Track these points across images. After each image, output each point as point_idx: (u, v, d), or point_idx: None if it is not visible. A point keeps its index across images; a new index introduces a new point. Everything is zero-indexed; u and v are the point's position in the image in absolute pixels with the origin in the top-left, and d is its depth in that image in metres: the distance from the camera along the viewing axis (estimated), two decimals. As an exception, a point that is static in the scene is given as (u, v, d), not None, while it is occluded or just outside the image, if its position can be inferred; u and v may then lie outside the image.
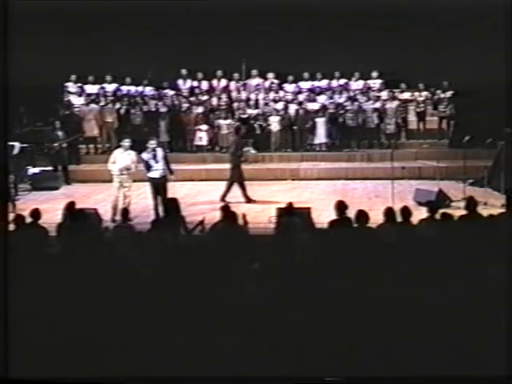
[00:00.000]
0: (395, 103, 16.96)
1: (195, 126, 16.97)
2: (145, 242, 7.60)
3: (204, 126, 16.93)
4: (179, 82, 18.07)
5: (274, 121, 16.95)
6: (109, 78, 17.81)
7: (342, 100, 17.19)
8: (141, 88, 17.85)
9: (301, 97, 17.41)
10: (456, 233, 7.39)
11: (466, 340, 5.14)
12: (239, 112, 17.24)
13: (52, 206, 11.72)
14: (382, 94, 17.26)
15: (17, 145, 14.00)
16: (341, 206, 8.03)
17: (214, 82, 18.09)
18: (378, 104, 16.88)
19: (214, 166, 16.16)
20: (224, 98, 17.47)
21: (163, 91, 17.66)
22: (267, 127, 17.01)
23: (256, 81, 18.02)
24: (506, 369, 5.02)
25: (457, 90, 16.59)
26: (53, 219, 9.42)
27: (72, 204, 9.16)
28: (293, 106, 17.15)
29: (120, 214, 9.71)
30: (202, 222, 8.51)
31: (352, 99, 17.08)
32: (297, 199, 11.73)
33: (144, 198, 12.30)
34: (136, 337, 5.27)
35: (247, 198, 12.79)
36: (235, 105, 17.48)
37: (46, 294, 5.75)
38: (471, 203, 8.44)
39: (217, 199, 12.54)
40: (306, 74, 17.88)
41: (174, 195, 11.22)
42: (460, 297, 5.55)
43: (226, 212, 8.34)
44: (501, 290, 5.52)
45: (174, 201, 9.16)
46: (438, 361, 5.03)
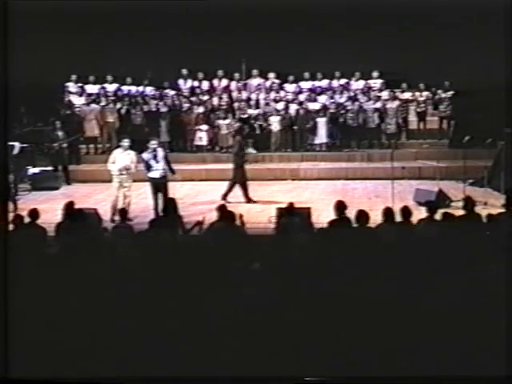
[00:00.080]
0: (396, 103, 16.95)
1: (195, 125, 16.98)
2: (142, 242, 7.61)
3: (204, 126, 16.93)
4: (180, 82, 18.07)
5: (275, 121, 16.94)
6: (110, 77, 17.81)
7: (342, 100, 17.18)
8: (141, 88, 17.86)
9: (301, 97, 17.40)
10: (454, 233, 7.40)
11: (466, 340, 5.15)
12: (240, 112, 17.24)
13: (52, 206, 11.71)
14: (383, 93, 17.25)
15: (17, 145, 13.98)
16: (340, 206, 8.04)
17: (214, 82, 18.08)
18: (379, 104, 16.87)
19: (213, 166, 16.18)
20: (225, 98, 17.47)
21: (164, 91, 17.66)
22: (267, 127, 17.01)
23: (257, 81, 18.01)
24: (506, 369, 5.02)
25: (457, 90, 16.59)
26: (52, 219, 9.41)
27: (71, 204, 9.14)
28: (293, 106, 17.14)
29: (118, 214, 9.70)
30: (199, 222, 8.51)
31: (353, 99, 17.06)
32: (297, 199, 11.71)
33: (144, 198, 12.30)
34: (136, 337, 5.27)
35: (248, 199, 12.79)
36: (236, 105, 17.47)
37: (45, 294, 5.76)
38: (469, 203, 8.46)
39: (217, 199, 12.52)
40: (307, 74, 17.86)
41: (174, 195, 11.23)
42: (460, 297, 5.55)
43: (223, 212, 8.35)
44: (501, 289, 5.53)
45: (171, 201, 9.16)
46: (438, 361, 5.04)
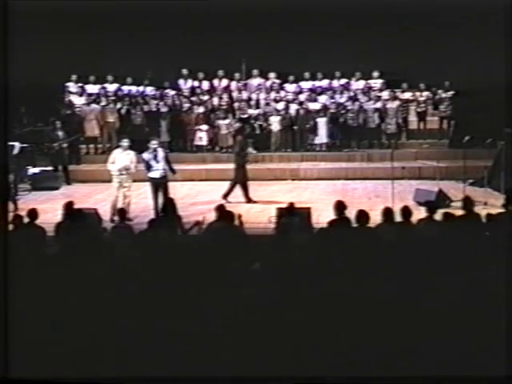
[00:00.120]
0: (396, 103, 16.94)
1: (195, 125, 16.97)
2: (141, 243, 7.61)
3: (204, 126, 16.92)
4: (180, 82, 18.07)
5: (275, 121, 16.93)
6: (110, 77, 17.80)
7: (343, 100, 17.17)
8: (142, 88, 17.86)
9: (302, 97, 17.38)
10: (453, 233, 7.40)
11: (466, 340, 5.15)
12: (240, 112, 17.23)
13: (52, 206, 11.72)
14: (383, 93, 17.24)
15: (17, 145, 13.98)
16: (340, 206, 8.04)
17: (214, 82, 18.07)
18: (379, 104, 16.86)
19: (213, 166, 16.18)
20: (225, 98, 17.46)
21: (164, 91, 17.65)
22: (267, 127, 17.00)
23: (257, 81, 18.00)
24: (506, 369, 5.02)
25: (457, 90, 16.59)
26: (53, 219, 9.41)
27: (70, 204, 9.14)
28: (294, 106, 17.14)
29: (117, 214, 9.70)
30: (198, 222, 8.51)
31: (353, 99, 17.05)
32: (297, 199, 11.70)
33: (144, 198, 12.30)
34: (136, 337, 5.27)
35: (248, 199, 12.78)
36: (236, 105, 17.47)
37: (45, 294, 5.75)
38: (468, 203, 8.47)
39: (217, 199, 12.50)
40: (307, 74, 17.85)
41: (174, 195, 11.23)
42: (460, 297, 5.55)
43: (222, 212, 8.34)
44: (501, 289, 5.52)
45: (170, 201, 9.15)
46: (438, 361, 5.03)
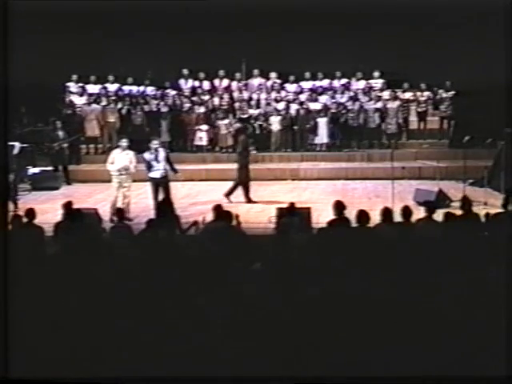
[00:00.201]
0: (397, 103, 16.93)
1: (196, 125, 16.97)
2: (139, 242, 7.61)
3: (204, 126, 16.92)
4: (181, 82, 18.06)
5: (275, 121, 16.92)
6: (111, 77, 17.80)
7: (343, 100, 17.16)
8: (142, 88, 17.85)
9: (302, 97, 17.37)
10: (452, 233, 7.40)
11: (466, 340, 5.15)
12: (240, 112, 17.23)
13: (52, 206, 11.72)
14: (384, 93, 17.23)
15: (17, 145, 13.97)
16: (339, 206, 8.05)
17: (215, 82, 18.07)
18: (380, 104, 16.86)
19: (213, 166, 16.18)
20: (226, 98, 17.46)
21: (165, 91, 17.65)
22: (267, 127, 17.00)
23: (258, 80, 18.00)
24: (506, 369, 5.02)
25: (457, 90, 16.59)
26: (53, 219, 9.41)
27: (70, 204, 9.13)
28: (294, 106, 17.13)
29: (116, 214, 9.70)
30: (196, 222, 8.51)
31: (354, 99, 17.05)
32: (297, 199, 11.69)
33: (144, 198, 12.30)
34: (136, 337, 5.27)
35: (248, 199, 12.78)
36: (237, 105, 17.46)
37: (44, 294, 5.75)
38: (466, 203, 8.47)
39: (217, 199, 12.49)
40: (308, 74, 17.85)
41: (174, 195, 11.25)
42: (459, 297, 5.55)
43: (219, 212, 8.34)
44: (501, 289, 5.52)
45: (169, 201, 9.15)
46: (438, 361, 5.03)
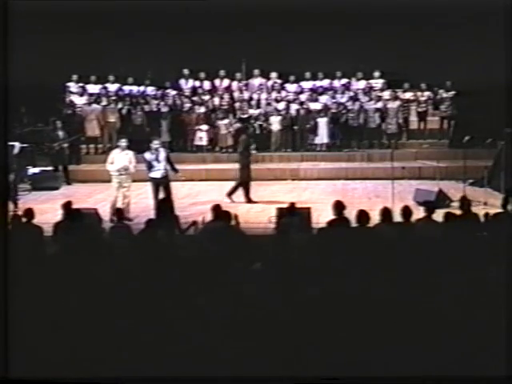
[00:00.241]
0: (397, 103, 16.92)
1: (196, 125, 16.97)
2: (137, 242, 7.61)
3: (204, 126, 16.91)
4: (181, 82, 18.06)
5: (275, 121, 16.92)
6: (111, 77, 17.79)
7: (343, 100, 17.15)
8: (143, 88, 17.85)
9: (302, 97, 17.37)
10: (451, 233, 7.40)
11: (466, 340, 5.14)
12: (240, 112, 17.22)
13: (52, 206, 11.72)
14: (384, 93, 17.22)
15: (17, 145, 13.97)
16: (339, 206, 8.04)
17: (216, 82, 18.06)
18: (380, 104, 16.85)
19: (213, 166, 16.17)
20: (226, 98, 17.45)
21: (165, 91, 17.65)
22: (267, 127, 16.99)
23: (258, 80, 17.99)
24: (506, 369, 5.02)
25: (457, 90, 16.58)
26: (52, 219, 9.40)
27: (69, 204, 9.12)
28: (294, 106, 17.12)
29: (116, 214, 9.70)
30: (195, 222, 8.51)
31: (354, 99, 17.04)
32: (297, 199, 11.69)
33: (144, 198, 12.30)
34: (136, 337, 5.27)
35: (248, 199, 12.78)
36: (237, 105, 17.45)
37: (44, 294, 5.75)
38: (466, 203, 8.48)
39: (217, 199, 12.49)
40: (308, 74, 17.85)
41: (174, 195, 11.24)
42: (459, 297, 5.55)
43: (218, 212, 8.34)
44: (501, 289, 5.52)
45: (168, 201, 9.15)
46: (438, 361, 5.03)
